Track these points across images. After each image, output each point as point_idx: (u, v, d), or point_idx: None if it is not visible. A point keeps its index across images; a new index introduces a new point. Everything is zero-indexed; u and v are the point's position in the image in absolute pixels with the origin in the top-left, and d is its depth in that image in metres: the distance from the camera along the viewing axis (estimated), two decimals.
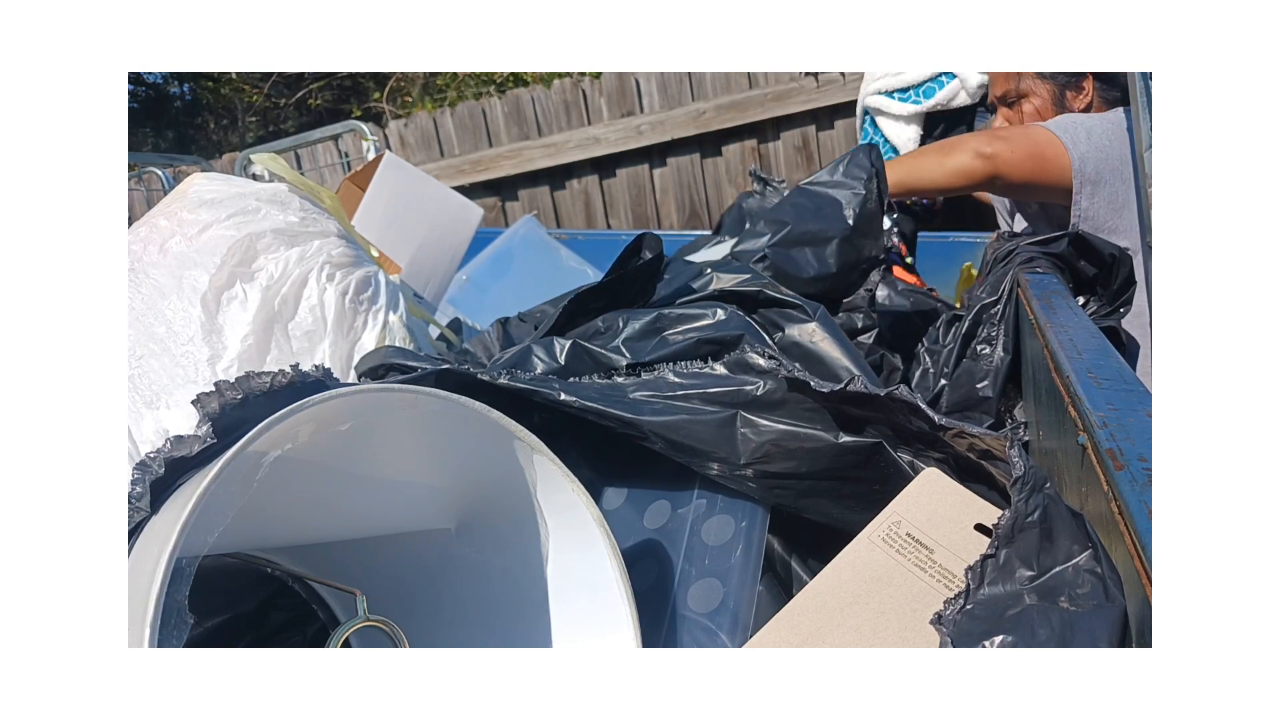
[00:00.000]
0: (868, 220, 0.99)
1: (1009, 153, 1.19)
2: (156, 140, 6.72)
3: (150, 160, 2.34)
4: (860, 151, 1.04)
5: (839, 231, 0.98)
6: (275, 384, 0.54)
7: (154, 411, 0.76)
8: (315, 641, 0.74)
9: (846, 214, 0.98)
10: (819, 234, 0.98)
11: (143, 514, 0.48)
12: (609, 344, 0.80)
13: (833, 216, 0.99)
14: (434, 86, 5.36)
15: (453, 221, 1.56)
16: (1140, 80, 1.02)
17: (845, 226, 0.98)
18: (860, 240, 0.98)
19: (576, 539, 0.63)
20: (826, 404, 0.67)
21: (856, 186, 1.00)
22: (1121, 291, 0.88)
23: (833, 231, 0.98)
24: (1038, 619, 0.44)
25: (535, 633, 0.64)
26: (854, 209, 0.98)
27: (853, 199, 0.99)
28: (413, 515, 0.66)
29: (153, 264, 0.85)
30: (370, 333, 0.92)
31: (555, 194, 3.37)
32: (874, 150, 1.05)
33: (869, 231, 0.99)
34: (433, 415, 0.57)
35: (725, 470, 0.70)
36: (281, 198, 0.95)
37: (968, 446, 0.62)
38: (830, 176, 1.03)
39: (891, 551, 0.56)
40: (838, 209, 0.99)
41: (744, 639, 0.64)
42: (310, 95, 6.15)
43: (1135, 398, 0.53)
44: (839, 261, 0.97)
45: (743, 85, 3.21)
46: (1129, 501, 0.41)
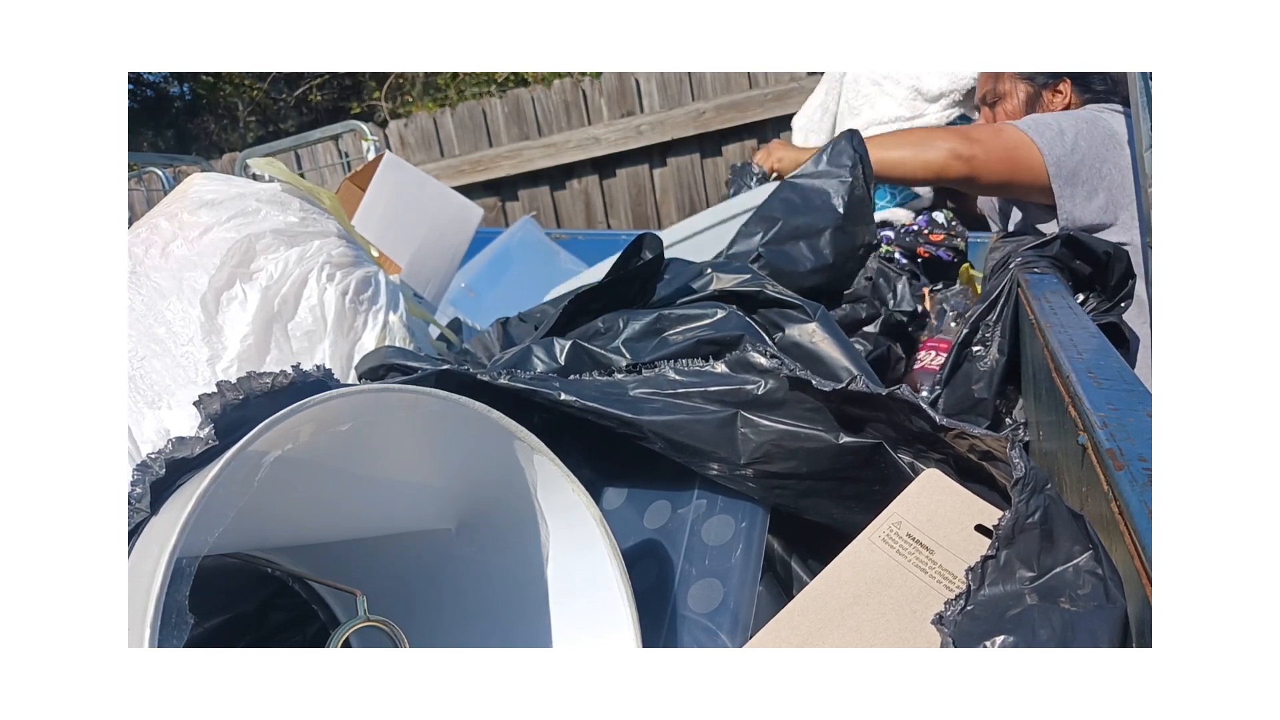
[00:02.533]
0: (858, 206, 0.99)
1: (984, 155, 1.19)
2: (157, 140, 6.72)
3: (150, 160, 2.34)
4: (843, 139, 1.04)
5: (830, 222, 0.98)
6: (276, 384, 0.54)
7: (155, 412, 0.76)
8: (315, 641, 0.74)
9: (835, 203, 0.98)
10: (811, 226, 0.98)
11: (143, 514, 0.48)
12: (609, 344, 0.80)
13: (822, 207, 0.99)
14: (434, 86, 5.36)
15: (453, 221, 1.56)
16: (1140, 80, 1.02)
17: (836, 216, 0.98)
18: (853, 228, 0.98)
19: (577, 539, 0.63)
20: (827, 404, 0.67)
21: (843, 174, 1.00)
22: (1120, 287, 0.88)
23: (824, 223, 0.98)
24: (1039, 619, 0.44)
25: (535, 633, 0.64)
26: (842, 197, 0.98)
27: (840, 187, 0.99)
28: (413, 515, 0.66)
29: (154, 267, 0.85)
30: (370, 333, 0.92)
31: (555, 194, 3.37)
32: (856, 136, 1.05)
33: (860, 218, 0.99)
34: (433, 415, 0.57)
35: (725, 470, 0.70)
36: (281, 198, 0.95)
37: (968, 447, 0.62)
38: (815, 167, 1.03)
39: (892, 552, 0.56)
40: (826, 199, 0.99)
41: (744, 639, 0.64)
42: (310, 92, 6.16)
43: (1135, 398, 0.53)
44: (834, 251, 0.97)
45: (743, 85, 3.21)
46: (1129, 501, 0.41)
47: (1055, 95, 1.40)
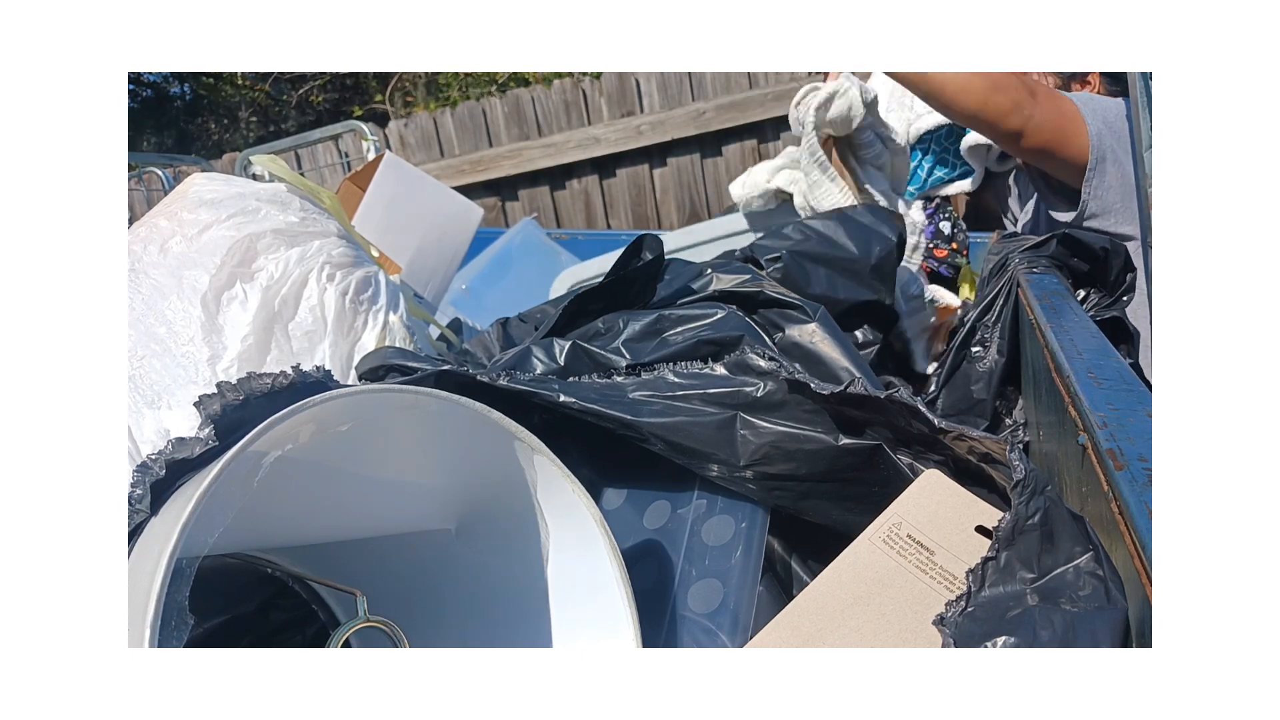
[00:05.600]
0: (887, 266, 1.03)
1: (1040, 117, 1.17)
2: (158, 140, 6.72)
3: (150, 160, 2.34)
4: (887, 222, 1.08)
5: (858, 263, 1.02)
6: (276, 385, 0.54)
7: (155, 411, 0.76)
8: (315, 641, 0.74)
9: (872, 250, 1.03)
10: (839, 260, 1.01)
11: (143, 515, 0.48)
12: (609, 345, 0.80)
13: (859, 247, 1.03)
14: (436, 86, 5.36)
15: (453, 221, 1.56)
16: (1140, 80, 1.02)
17: (866, 262, 1.02)
18: (875, 281, 1.03)
19: (577, 539, 0.63)
20: (826, 405, 0.67)
21: (882, 239, 1.04)
22: (1120, 281, 0.88)
23: (851, 261, 1.02)
24: (1039, 620, 0.44)
25: (535, 633, 0.64)
26: (879, 249, 1.03)
27: (882, 240, 1.03)
28: (413, 515, 0.66)
29: (153, 264, 0.85)
30: (370, 333, 0.92)
31: (555, 194, 3.37)
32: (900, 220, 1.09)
33: (884, 276, 1.03)
34: (433, 416, 0.57)
35: (725, 472, 0.70)
36: (281, 198, 0.95)
37: (968, 449, 0.62)
38: (868, 214, 1.07)
39: (892, 553, 0.56)
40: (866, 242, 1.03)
41: (744, 640, 0.64)
42: (311, 93, 6.15)
43: (1135, 398, 0.53)
44: (847, 293, 1.01)
45: (743, 85, 3.21)
46: (1129, 502, 0.41)
47: (1084, 87, 1.40)
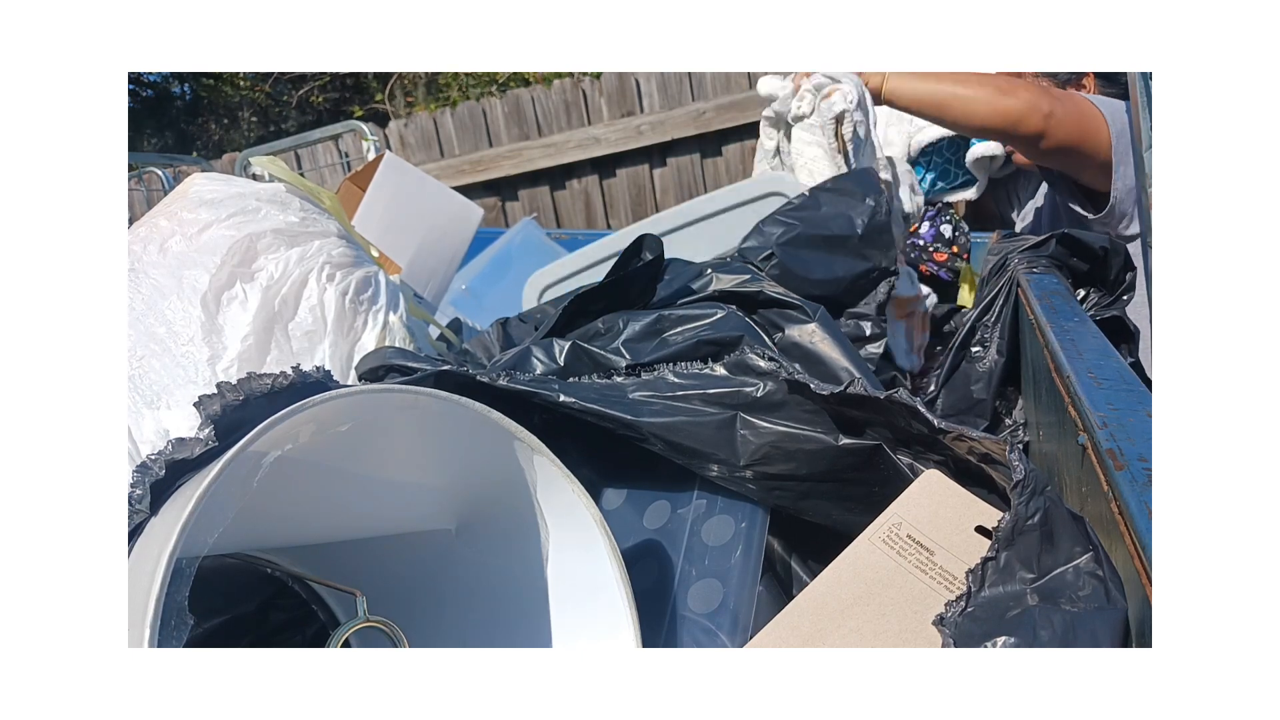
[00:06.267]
0: (876, 231, 0.99)
1: (1061, 114, 1.13)
2: (158, 140, 6.71)
3: (150, 160, 2.34)
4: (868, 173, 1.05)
5: (848, 239, 0.98)
6: (276, 385, 0.54)
7: (155, 411, 0.76)
8: (315, 641, 0.74)
9: (856, 223, 0.99)
10: (829, 239, 0.98)
11: (143, 515, 0.48)
12: (609, 345, 0.80)
13: (843, 223, 1.00)
14: (436, 86, 5.36)
15: (453, 222, 1.56)
16: (1140, 80, 1.02)
17: (854, 235, 0.98)
18: (869, 250, 0.99)
19: (576, 539, 0.63)
20: (826, 406, 0.67)
21: (867, 198, 1.00)
22: (1120, 281, 0.89)
23: (842, 238, 0.99)
24: (1039, 620, 0.44)
25: (535, 633, 0.64)
26: (863, 219, 0.99)
27: (863, 210, 1.00)
28: (413, 515, 0.66)
29: (153, 264, 0.85)
30: (370, 333, 0.92)
31: (555, 194, 3.37)
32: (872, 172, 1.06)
33: (878, 243, 0.99)
34: (433, 416, 0.57)
35: (724, 472, 0.70)
36: (281, 198, 0.95)
37: (968, 450, 0.62)
38: (843, 184, 1.04)
39: (892, 553, 0.56)
40: (848, 219, 1.00)
41: (744, 640, 0.63)
42: (312, 93, 6.15)
43: (1135, 398, 0.53)
44: (847, 269, 0.98)
45: (743, 85, 3.21)
46: (1129, 502, 0.41)
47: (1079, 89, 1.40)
